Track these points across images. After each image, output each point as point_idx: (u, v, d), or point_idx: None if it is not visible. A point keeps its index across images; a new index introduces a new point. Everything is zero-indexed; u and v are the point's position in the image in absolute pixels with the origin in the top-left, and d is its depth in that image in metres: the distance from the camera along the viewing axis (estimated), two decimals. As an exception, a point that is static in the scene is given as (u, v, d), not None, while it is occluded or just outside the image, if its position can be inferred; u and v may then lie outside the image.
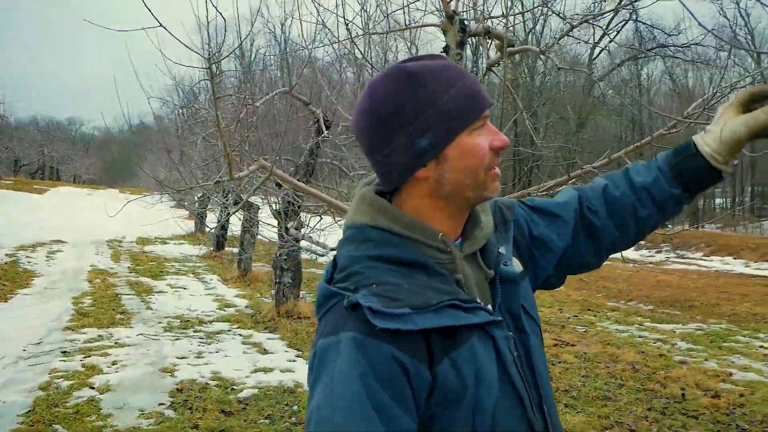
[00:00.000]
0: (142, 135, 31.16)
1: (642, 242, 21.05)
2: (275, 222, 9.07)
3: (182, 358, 7.40)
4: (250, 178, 6.46)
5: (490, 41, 4.53)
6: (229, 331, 8.89)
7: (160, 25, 3.29)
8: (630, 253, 20.19)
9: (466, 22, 4.21)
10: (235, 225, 15.78)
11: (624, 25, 29.44)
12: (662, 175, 1.43)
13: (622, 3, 4.65)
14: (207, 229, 20.58)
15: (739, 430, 5.53)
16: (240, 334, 8.68)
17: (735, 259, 21.00)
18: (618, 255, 1.97)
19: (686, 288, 14.54)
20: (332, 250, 6.98)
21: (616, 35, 31.31)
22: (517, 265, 1.33)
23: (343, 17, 4.42)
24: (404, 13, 4.68)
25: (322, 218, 7.91)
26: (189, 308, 10.41)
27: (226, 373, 6.82)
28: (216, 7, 3.63)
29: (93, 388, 6.25)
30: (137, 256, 17.23)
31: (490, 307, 1.22)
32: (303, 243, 9.15)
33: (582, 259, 1.48)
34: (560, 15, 4.12)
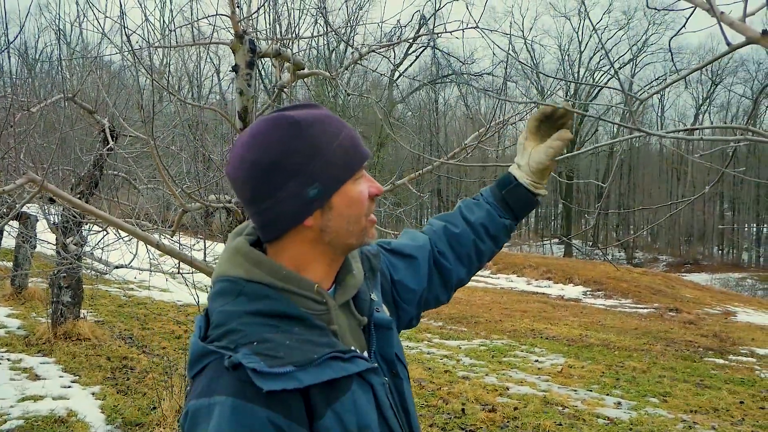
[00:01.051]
0: None
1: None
2: (54, 236, 8.39)
3: (-67, 390, 6.54)
4: (23, 190, 5.93)
5: (283, 63, 4.49)
6: (-5, 355, 8.06)
7: None
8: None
9: (256, 42, 4.14)
10: (10, 237, 14.41)
11: (422, 51, 30.84)
12: (493, 208, 1.63)
13: (416, 34, 4.81)
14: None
15: (511, 442, 5.88)
16: (8, 359, 7.86)
17: (518, 276, 22.59)
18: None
19: (474, 304, 15.39)
20: (116, 267, 6.54)
21: (411, 64, 32.80)
22: (386, 312, 1.36)
23: (125, 28, 4.16)
24: (192, 27, 4.50)
25: (108, 233, 7.39)
26: (-52, 331, 9.29)
27: (-13, 404, 6.14)
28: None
29: None
30: None
31: (365, 353, 1.24)
32: (85, 261, 8.55)
33: (436, 297, 1.59)
34: (349, 44, 4.17)
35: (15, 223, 11.82)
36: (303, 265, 1.21)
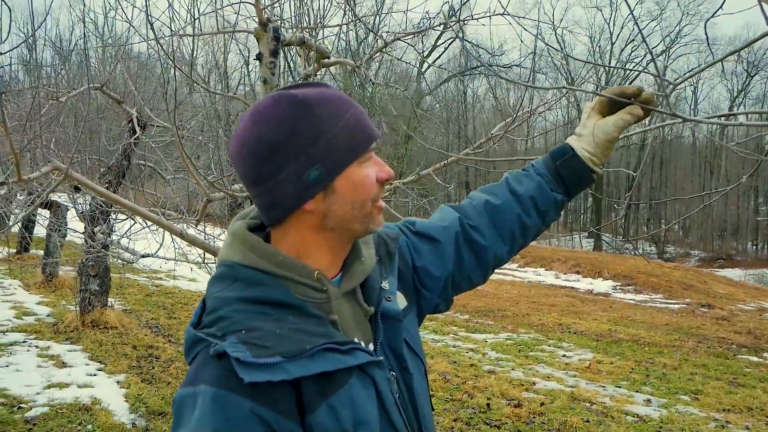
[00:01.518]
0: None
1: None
2: (83, 225, 8.44)
3: (-38, 375, 6.62)
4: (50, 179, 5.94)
5: (308, 51, 4.43)
6: (24, 342, 8.12)
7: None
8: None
9: (280, 30, 4.09)
10: (43, 226, 14.57)
11: (451, 43, 30.62)
12: (544, 180, 1.48)
13: (442, 22, 4.71)
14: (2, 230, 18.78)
15: (537, 439, 5.78)
16: (37, 346, 7.95)
17: (546, 270, 22.39)
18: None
19: (501, 298, 15.25)
20: (143, 256, 6.54)
21: (439, 56, 32.61)
22: (401, 300, 1.30)
23: (149, 16, 4.13)
24: (216, 16, 4.46)
25: (135, 222, 7.41)
26: (-20, 317, 9.40)
27: (15, 390, 6.17)
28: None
29: None
30: None
31: (371, 346, 1.19)
32: (112, 249, 8.59)
33: (469, 278, 1.47)
34: (373, 31, 4.10)
35: (46, 212, 11.96)
36: (305, 251, 1.16)
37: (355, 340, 1.14)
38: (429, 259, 1.41)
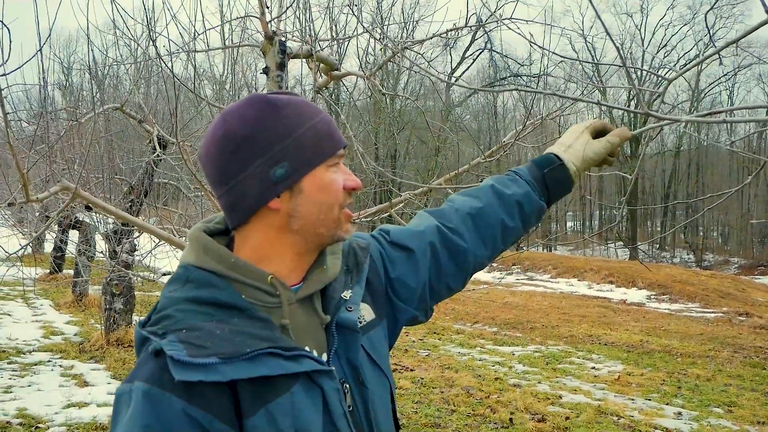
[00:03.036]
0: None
1: (494, 264, 21.76)
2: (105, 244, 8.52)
3: (-15, 394, 6.68)
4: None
5: (318, 64, 4.41)
6: (49, 361, 8.19)
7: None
8: (482, 275, 20.77)
9: (287, 43, 4.08)
10: (63, 247, 14.76)
11: (480, 53, 30.55)
12: (531, 187, 1.48)
13: (451, 28, 4.65)
14: (28, 250, 19.04)
15: (561, 454, 5.63)
16: (61, 365, 8.01)
17: (579, 281, 22.05)
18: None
19: (531, 309, 15.04)
20: (164, 274, 6.54)
21: (468, 68, 32.50)
22: (366, 312, 1.27)
23: (150, 31, 4.13)
24: (222, 30, 4.45)
25: (159, 241, 7.45)
26: (9, 337, 9.49)
27: (34, 410, 6.21)
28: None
29: None
30: (-50, 281, 15.50)
31: (324, 355, 1.17)
32: (136, 267, 8.65)
33: (447, 285, 1.45)
34: (381, 41, 4.07)
35: (77, 233, 12.14)
36: (267, 254, 1.16)
37: (306, 348, 1.12)
38: (403, 269, 1.38)
